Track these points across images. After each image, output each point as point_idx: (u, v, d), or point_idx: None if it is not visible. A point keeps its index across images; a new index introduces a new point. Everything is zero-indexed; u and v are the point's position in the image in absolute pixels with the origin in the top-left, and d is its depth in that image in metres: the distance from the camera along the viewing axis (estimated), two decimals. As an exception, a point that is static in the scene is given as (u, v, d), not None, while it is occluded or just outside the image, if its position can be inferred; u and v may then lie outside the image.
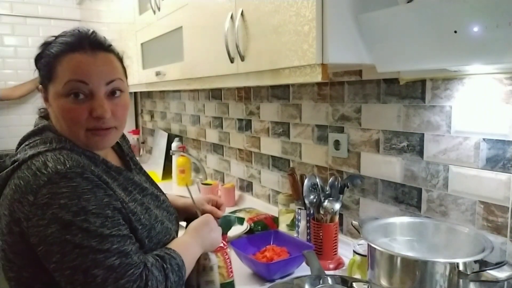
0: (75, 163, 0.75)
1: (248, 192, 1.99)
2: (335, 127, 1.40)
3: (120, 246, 0.72)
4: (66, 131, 0.83)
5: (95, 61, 0.81)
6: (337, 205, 1.22)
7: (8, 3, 3.29)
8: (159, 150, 2.79)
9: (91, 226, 0.71)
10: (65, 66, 0.80)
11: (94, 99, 0.80)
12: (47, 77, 0.82)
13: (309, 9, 0.91)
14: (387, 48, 0.91)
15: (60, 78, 0.80)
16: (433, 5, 0.76)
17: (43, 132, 0.83)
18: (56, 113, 0.83)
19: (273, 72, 1.08)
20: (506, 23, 0.66)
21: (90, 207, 0.71)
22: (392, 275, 0.88)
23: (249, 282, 1.17)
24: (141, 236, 0.81)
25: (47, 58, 0.82)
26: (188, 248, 0.87)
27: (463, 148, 1.01)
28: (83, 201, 0.71)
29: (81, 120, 0.80)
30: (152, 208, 0.89)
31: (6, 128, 3.29)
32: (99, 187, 0.75)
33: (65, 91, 0.79)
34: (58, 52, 0.81)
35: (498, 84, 0.93)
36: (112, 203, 0.76)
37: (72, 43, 0.81)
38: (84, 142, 0.83)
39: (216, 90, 2.16)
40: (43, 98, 0.86)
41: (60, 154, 0.76)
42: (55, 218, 0.70)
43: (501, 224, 0.95)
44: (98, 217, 0.72)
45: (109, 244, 0.71)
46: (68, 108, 0.80)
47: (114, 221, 0.74)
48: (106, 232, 0.72)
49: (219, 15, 1.26)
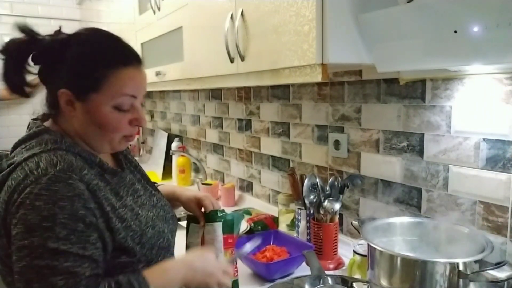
0: (65, 166, 0.73)
1: (248, 192, 1.99)
2: (335, 127, 1.40)
3: (71, 266, 0.68)
4: (96, 136, 0.83)
5: (142, 76, 0.86)
6: (337, 205, 1.22)
7: (8, 3, 3.29)
8: (159, 150, 2.79)
9: (52, 236, 0.68)
10: (119, 80, 0.81)
11: (135, 110, 0.84)
12: (91, 87, 0.80)
13: (309, 9, 0.91)
14: (387, 48, 0.91)
15: (112, 91, 0.80)
16: (433, 5, 0.76)
17: (39, 135, 0.82)
18: (91, 120, 0.81)
19: (273, 72, 1.08)
20: (506, 23, 0.66)
21: (61, 216, 0.69)
22: (392, 275, 0.88)
23: (249, 282, 1.17)
24: (131, 243, 0.80)
25: (92, 66, 0.80)
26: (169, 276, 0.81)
27: (463, 148, 1.01)
28: (57, 207, 0.69)
29: (122, 128, 0.83)
30: (142, 213, 0.86)
31: (6, 128, 3.29)
32: (79, 197, 0.72)
33: (116, 104, 0.81)
34: (110, 63, 0.81)
35: (498, 84, 0.93)
36: (88, 218, 0.72)
37: (124, 56, 0.83)
38: (113, 147, 0.86)
39: (216, 90, 2.16)
40: (64, 102, 0.81)
41: (54, 155, 0.75)
42: (23, 219, 0.69)
43: (501, 224, 0.95)
44: (65, 228, 0.69)
45: (61, 260, 0.68)
46: (114, 117, 0.82)
47: (81, 237, 0.70)
48: (63, 247, 0.68)
49: (219, 15, 1.26)
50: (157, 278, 0.78)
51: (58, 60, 0.81)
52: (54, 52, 0.81)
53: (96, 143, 0.85)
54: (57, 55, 0.80)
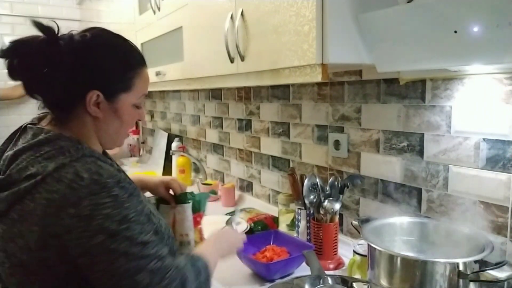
0: (108, 173, 0.76)
1: (248, 192, 1.99)
2: (335, 127, 1.40)
3: (157, 250, 0.76)
4: (113, 132, 0.89)
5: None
6: (337, 205, 1.22)
7: (8, 3, 3.29)
8: (159, 150, 2.79)
9: (134, 234, 0.73)
10: (143, 80, 0.89)
11: (142, 108, 0.93)
12: (123, 87, 0.85)
13: (309, 9, 0.91)
14: (387, 48, 0.91)
15: (138, 90, 0.88)
16: (433, 5, 0.76)
17: (51, 142, 0.78)
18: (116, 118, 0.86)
19: (273, 72, 1.08)
20: (506, 23, 0.66)
21: (131, 215, 0.74)
22: (392, 275, 0.88)
23: (249, 282, 1.17)
24: (161, 230, 0.87)
25: (123, 68, 0.85)
26: (212, 254, 0.93)
27: (463, 148, 1.01)
28: (124, 209, 0.74)
29: (133, 124, 0.94)
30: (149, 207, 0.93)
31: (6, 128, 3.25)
32: (133, 195, 0.77)
33: (137, 102, 0.89)
34: (136, 64, 0.88)
35: (498, 84, 0.93)
36: (144, 210, 0.79)
37: (142, 58, 0.91)
38: (121, 141, 0.93)
39: (216, 90, 2.16)
40: (93, 102, 0.81)
41: (87, 163, 0.76)
42: (101, 228, 0.71)
43: (501, 224, 0.95)
44: (138, 224, 0.75)
45: (150, 249, 0.75)
46: (133, 115, 0.90)
47: (148, 227, 0.78)
48: (145, 238, 0.75)
49: (219, 15, 1.26)
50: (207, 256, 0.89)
51: (83, 63, 0.80)
52: (77, 56, 0.79)
53: (111, 139, 0.90)
54: (81, 57, 0.80)
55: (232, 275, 1.20)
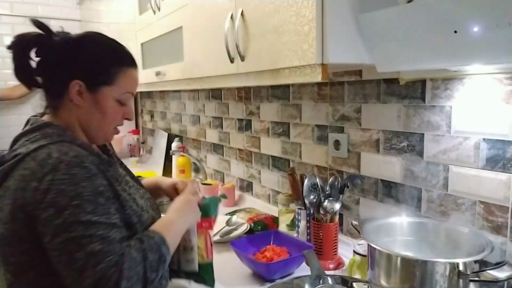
0: (76, 153, 0.81)
1: (248, 192, 1.99)
2: (335, 127, 1.40)
3: (104, 233, 0.77)
4: (96, 125, 0.94)
5: (138, 77, 1.00)
6: (337, 205, 1.22)
7: (8, 3, 3.29)
8: (159, 150, 2.79)
9: (82, 212, 0.76)
10: (128, 78, 0.95)
11: (127, 105, 0.98)
12: (105, 80, 0.91)
13: (309, 9, 0.91)
14: (387, 48, 0.91)
15: (120, 86, 0.93)
16: (433, 5, 0.76)
17: (41, 129, 0.88)
18: (96, 109, 0.92)
19: (273, 72, 1.08)
20: (506, 23, 0.66)
21: (85, 194, 0.78)
22: (392, 275, 0.88)
23: (249, 282, 1.17)
24: (133, 219, 0.88)
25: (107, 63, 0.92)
26: (172, 225, 0.93)
27: (463, 148, 1.01)
28: (80, 188, 0.78)
29: (117, 119, 0.96)
30: (138, 199, 0.95)
31: (6, 128, 3.29)
32: (96, 176, 0.81)
33: (120, 98, 0.94)
34: (122, 62, 0.95)
35: (498, 84, 0.93)
36: (106, 192, 0.82)
37: (131, 58, 0.97)
38: (106, 137, 0.98)
39: (216, 90, 2.16)
40: (75, 91, 0.89)
41: (61, 146, 0.83)
42: (52, 202, 0.76)
43: (501, 224, 0.95)
44: (91, 203, 0.78)
45: (95, 230, 0.76)
46: (116, 110, 0.94)
47: (105, 209, 0.80)
48: (94, 218, 0.77)
49: (219, 15, 1.26)
50: (165, 230, 0.89)
51: (72, 55, 0.90)
52: (69, 48, 0.90)
53: (94, 131, 0.95)
54: (71, 51, 0.90)
55: (232, 275, 1.21)
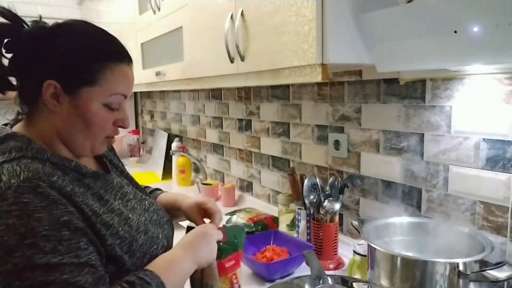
0: (30, 175, 0.65)
1: (248, 192, 1.99)
2: (335, 127, 1.40)
3: (70, 277, 0.62)
4: (79, 135, 0.76)
5: (133, 76, 0.81)
6: (337, 205, 1.22)
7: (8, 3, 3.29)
8: (159, 150, 2.79)
9: (37, 253, 0.60)
10: (115, 76, 0.76)
11: (121, 110, 0.80)
12: (85, 80, 0.74)
13: (309, 9, 0.91)
14: (387, 48, 0.91)
15: (106, 87, 0.75)
16: (433, 5, 0.76)
17: (4, 142, 0.72)
18: (78, 116, 0.75)
19: (273, 72, 1.08)
20: (506, 23, 0.66)
21: (40, 228, 0.61)
22: (392, 275, 0.88)
23: (249, 282, 1.17)
24: (119, 251, 0.73)
25: (88, 58, 0.74)
26: (176, 264, 0.78)
27: (463, 148, 1.01)
28: (33, 220, 0.61)
29: (107, 127, 0.78)
30: (133, 217, 0.80)
31: (6, 128, 3.29)
32: (57, 203, 0.64)
33: (108, 102, 0.76)
34: (107, 56, 0.76)
35: (498, 84, 0.93)
36: (73, 222, 0.65)
37: (120, 51, 0.79)
38: (93, 148, 0.79)
39: (216, 90, 2.16)
40: (49, 94, 0.73)
41: (17, 165, 0.67)
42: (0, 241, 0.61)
43: (501, 224, 0.95)
44: (49, 240, 0.62)
45: (57, 274, 0.61)
46: (104, 117, 0.76)
47: (70, 245, 0.63)
48: (54, 260, 0.61)
49: (219, 15, 1.26)
50: (166, 273, 0.74)
51: (45, 49, 0.73)
52: (41, 40, 0.73)
53: (77, 142, 0.77)
54: (44, 44, 0.73)
55: (232, 275, 1.20)
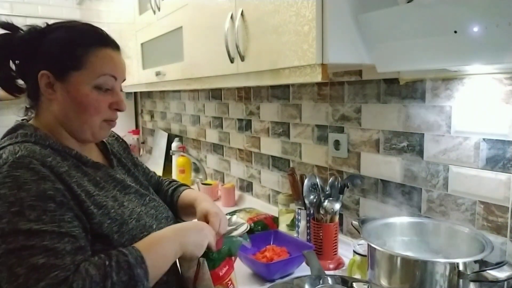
0: (26, 153, 0.73)
1: (248, 192, 1.99)
2: (335, 127, 1.40)
3: (50, 244, 0.67)
4: (76, 120, 0.83)
5: (120, 59, 0.87)
6: (337, 205, 1.22)
7: (8, 3, 3.29)
8: (159, 150, 2.79)
9: (21, 220, 0.67)
10: (99, 59, 0.82)
11: (114, 93, 0.85)
12: (72, 65, 0.81)
13: (309, 9, 0.91)
14: (387, 48, 0.91)
15: (92, 69, 0.81)
16: (433, 5, 0.76)
17: (15, 131, 0.83)
18: (71, 101, 0.82)
19: (273, 72, 1.08)
20: (506, 23, 0.66)
21: (28, 199, 0.68)
22: (392, 275, 0.88)
23: (249, 282, 1.17)
24: (109, 229, 0.78)
25: (72, 45, 0.81)
26: (162, 242, 0.79)
27: (463, 148, 1.01)
28: (22, 191, 0.69)
29: (101, 110, 0.84)
30: (129, 206, 0.85)
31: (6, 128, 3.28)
32: (45, 179, 0.71)
33: (97, 83, 0.82)
34: (89, 42, 0.82)
35: (498, 84, 0.93)
36: (59, 197, 0.72)
37: (102, 38, 0.85)
38: (94, 132, 0.85)
39: (216, 90, 2.16)
40: (44, 84, 0.81)
41: (18, 146, 0.75)
42: None
43: (501, 224, 0.95)
44: (35, 210, 0.68)
45: (38, 239, 0.67)
46: (94, 98, 0.82)
47: (54, 216, 0.70)
48: (36, 227, 0.67)
49: (219, 15, 1.26)
50: (149, 248, 0.76)
51: (36, 48, 0.81)
52: (32, 41, 0.82)
53: (76, 127, 0.84)
54: (35, 43, 0.82)
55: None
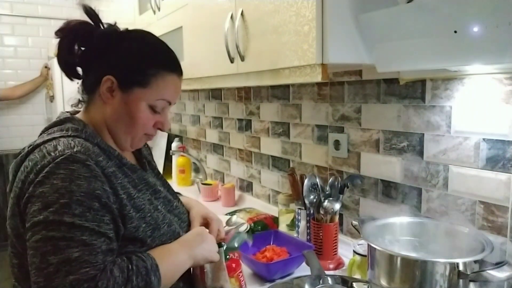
0: (82, 150, 0.75)
1: (248, 192, 1.99)
2: (335, 127, 1.40)
3: (88, 240, 0.70)
4: (123, 128, 0.86)
5: (180, 87, 0.93)
6: (337, 205, 1.22)
7: (8, 3, 3.29)
8: (159, 150, 2.79)
9: (67, 212, 0.69)
10: (166, 83, 0.87)
11: (163, 114, 0.90)
12: (139, 81, 0.84)
13: (309, 9, 0.91)
14: (387, 48, 0.91)
15: (156, 91, 0.85)
16: (433, 5, 0.76)
17: (63, 123, 0.85)
18: (125, 112, 0.85)
19: (273, 72, 1.08)
20: (506, 23, 0.66)
21: (77, 193, 0.71)
22: (392, 275, 0.88)
23: (249, 282, 1.17)
24: (143, 234, 0.80)
25: (145, 62, 0.85)
26: (171, 254, 0.83)
27: (463, 148, 1.01)
28: (74, 185, 0.71)
29: (148, 127, 0.88)
30: (162, 210, 0.88)
31: (6, 128, 3.29)
32: (96, 178, 0.74)
33: (154, 104, 0.86)
34: (162, 64, 0.87)
35: (498, 84, 0.93)
36: (104, 198, 0.74)
37: (173, 63, 0.90)
38: (133, 143, 0.89)
39: (216, 90, 2.16)
40: (106, 88, 0.84)
41: (72, 140, 0.77)
42: (42, 196, 0.70)
43: (501, 224, 0.95)
44: (81, 205, 0.70)
45: (77, 234, 0.69)
46: (146, 115, 0.86)
47: (96, 216, 0.72)
48: (79, 222, 0.69)
49: (219, 15, 1.26)
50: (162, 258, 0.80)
51: (112, 48, 0.85)
52: (109, 41, 0.85)
53: (120, 134, 0.87)
54: (111, 44, 0.85)
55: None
